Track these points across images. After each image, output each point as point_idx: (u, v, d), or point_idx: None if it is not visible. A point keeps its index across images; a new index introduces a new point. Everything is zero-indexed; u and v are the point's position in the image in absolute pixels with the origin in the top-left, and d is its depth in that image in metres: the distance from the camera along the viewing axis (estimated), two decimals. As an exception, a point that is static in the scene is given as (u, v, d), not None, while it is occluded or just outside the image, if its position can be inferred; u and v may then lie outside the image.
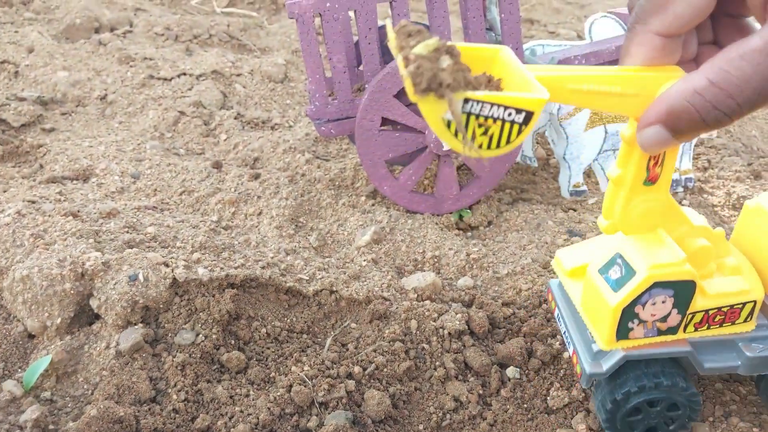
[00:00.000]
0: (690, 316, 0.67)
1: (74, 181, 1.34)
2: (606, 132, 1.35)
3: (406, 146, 1.22)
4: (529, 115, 0.45)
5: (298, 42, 2.36)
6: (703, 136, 1.39)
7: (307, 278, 0.98)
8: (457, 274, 1.06)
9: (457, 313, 0.92)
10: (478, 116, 0.45)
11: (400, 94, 1.20)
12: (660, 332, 0.67)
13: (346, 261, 1.09)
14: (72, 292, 0.85)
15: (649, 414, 0.74)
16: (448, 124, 0.45)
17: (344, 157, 1.58)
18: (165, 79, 1.87)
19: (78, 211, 1.12)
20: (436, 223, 1.24)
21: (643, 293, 0.63)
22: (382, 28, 1.40)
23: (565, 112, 1.32)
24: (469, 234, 1.26)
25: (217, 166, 1.41)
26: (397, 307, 0.94)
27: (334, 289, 0.96)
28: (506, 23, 1.18)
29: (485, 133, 0.46)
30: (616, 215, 0.61)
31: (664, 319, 0.66)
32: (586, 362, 0.70)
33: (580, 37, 2.62)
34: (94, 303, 0.85)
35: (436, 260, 1.09)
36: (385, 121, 1.22)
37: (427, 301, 0.96)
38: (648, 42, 0.49)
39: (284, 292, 0.95)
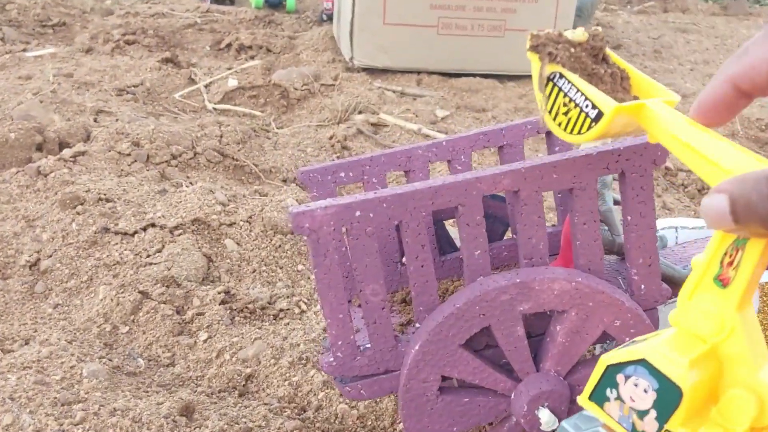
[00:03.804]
0: None
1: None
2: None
3: (480, 416, 0.78)
4: (599, 114, 0.55)
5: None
6: None
7: None
8: None
9: None
10: (565, 95, 0.58)
11: (471, 341, 0.76)
12: (634, 430, 0.59)
13: None
14: None
15: None
16: (545, 89, 0.59)
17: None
18: (125, 234, 1.42)
19: None
20: None
21: (630, 362, 0.57)
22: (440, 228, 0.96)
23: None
24: None
25: (187, 412, 0.95)
26: None
27: None
28: (634, 230, 0.76)
29: (566, 114, 0.58)
30: (682, 301, 0.58)
31: (641, 415, 0.57)
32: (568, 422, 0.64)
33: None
34: None
35: None
36: (445, 379, 0.78)
37: None
38: (715, 86, 0.48)
39: None
